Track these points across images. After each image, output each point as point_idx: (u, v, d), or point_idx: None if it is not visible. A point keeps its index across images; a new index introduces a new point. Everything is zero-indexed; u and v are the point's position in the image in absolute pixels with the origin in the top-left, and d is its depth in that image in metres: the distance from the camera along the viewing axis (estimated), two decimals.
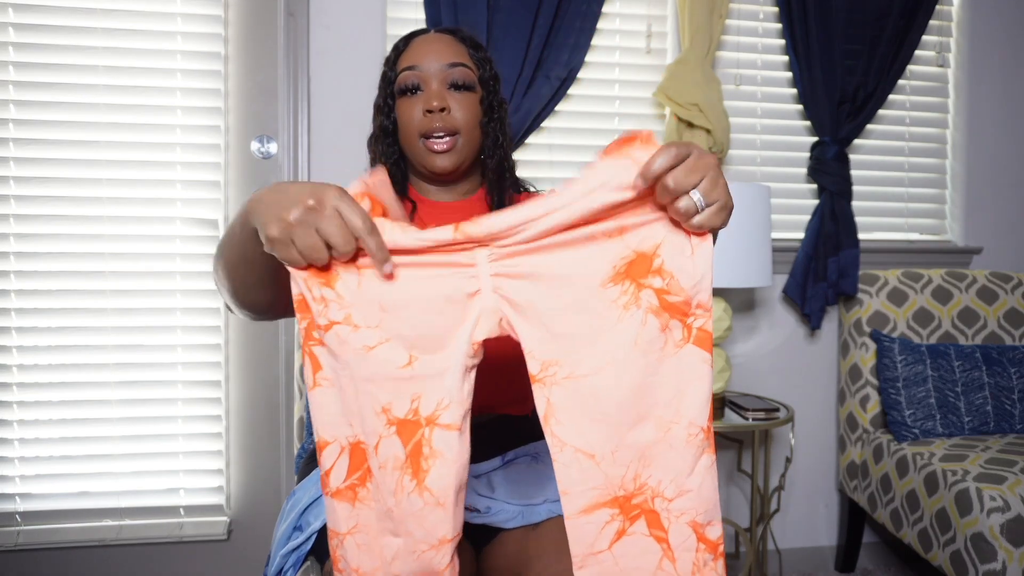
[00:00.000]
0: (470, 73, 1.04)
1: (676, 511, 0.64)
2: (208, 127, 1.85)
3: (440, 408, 0.66)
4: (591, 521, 0.64)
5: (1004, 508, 1.52)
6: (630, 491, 0.64)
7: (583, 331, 0.65)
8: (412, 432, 0.65)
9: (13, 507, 1.83)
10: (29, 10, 1.77)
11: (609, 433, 0.64)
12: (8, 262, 1.79)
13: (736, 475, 2.14)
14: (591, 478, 0.64)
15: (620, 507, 0.64)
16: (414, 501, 0.66)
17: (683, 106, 1.94)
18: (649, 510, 0.64)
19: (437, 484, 0.65)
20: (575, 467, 0.64)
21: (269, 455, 1.92)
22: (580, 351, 0.64)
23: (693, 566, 0.64)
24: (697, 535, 0.64)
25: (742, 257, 1.67)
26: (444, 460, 0.65)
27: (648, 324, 0.64)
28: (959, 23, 2.25)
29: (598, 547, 0.64)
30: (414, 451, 0.65)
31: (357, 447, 0.68)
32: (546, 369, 0.65)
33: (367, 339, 0.65)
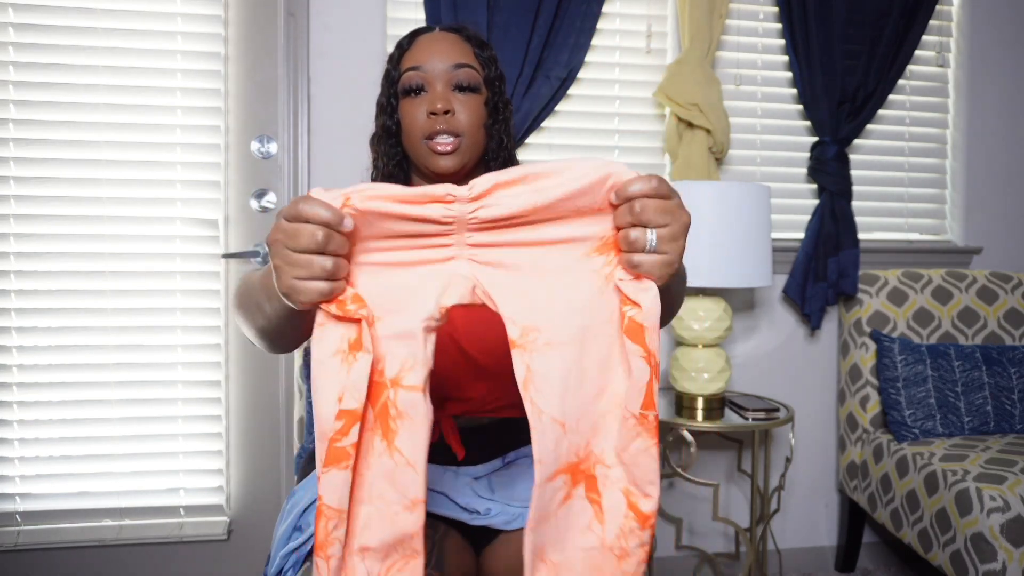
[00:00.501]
0: (475, 74, 1.02)
1: (613, 478, 0.66)
2: (208, 127, 1.85)
3: (404, 370, 0.66)
4: (552, 487, 0.66)
5: (1004, 508, 1.52)
6: (580, 457, 0.67)
7: (564, 298, 0.65)
8: (378, 394, 0.66)
9: (13, 507, 1.83)
10: (29, 10, 1.77)
11: (579, 403, 0.66)
12: (8, 262, 1.79)
13: (736, 475, 2.14)
14: (560, 446, 0.66)
15: (571, 472, 0.67)
16: (385, 462, 0.66)
17: (683, 106, 1.94)
18: (590, 475, 0.67)
19: (407, 444, 0.66)
20: (550, 435, 0.65)
21: (269, 455, 1.92)
22: (560, 318, 0.65)
23: (619, 529, 0.66)
24: (628, 503, 0.66)
25: (742, 257, 1.67)
26: (411, 421, 0.66)
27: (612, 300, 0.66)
28: (959, 23, 2.25)
29: (549, 509, 0.66)
30: (381, 413, 0.66)
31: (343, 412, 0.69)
32: (526, 335, 0.65)
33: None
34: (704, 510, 2.12)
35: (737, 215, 1.66)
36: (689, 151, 1.97)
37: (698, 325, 1.75)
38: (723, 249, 1.66)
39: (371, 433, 0.67)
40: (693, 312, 1.76)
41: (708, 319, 1.75)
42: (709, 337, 1.75)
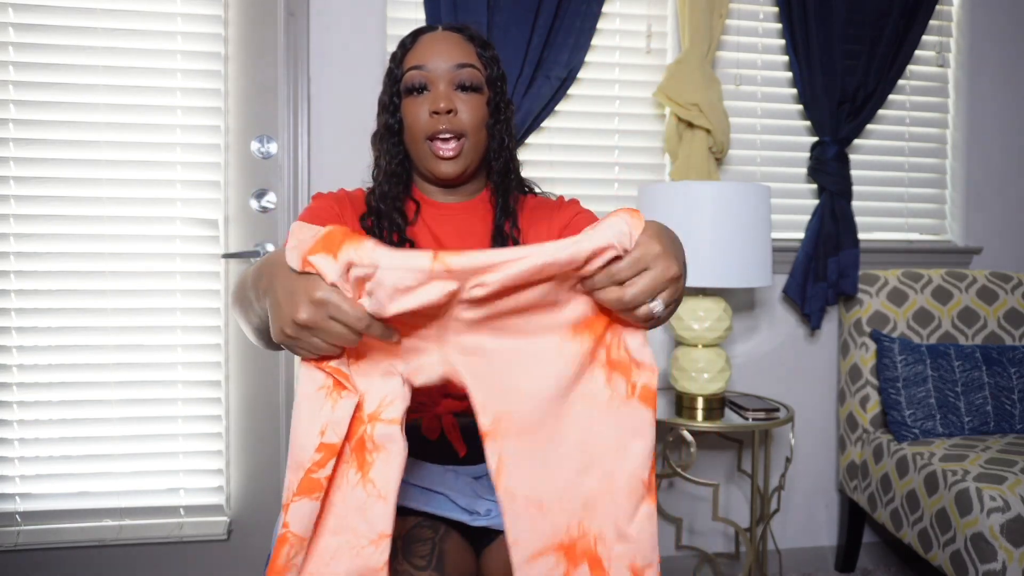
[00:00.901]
0: (478, 74, 1.03)
1: (617, 556, 0.66)
2: (208, 127, 1.85)
3: (383, 405, 0.67)
4: (538, 566, 0.66)
5: (1004, 508, 1.52)
6: (574, 537, 0.66)
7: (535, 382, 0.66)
8: (355, 428, 0.67)
9: (13, 507, 1.83)
10: (29, 10, 1.77)
11: (557, 482, 0.66)
12: (8, 262, 1.79)
13: (736, 475, 2.14)
14: (539, 526, 0.66)
15: (565, 552, 0.66)
16: (358, 494, 0.67)
17: (683, 106, 1.94)
18: (592, 555, 0.67)
19: (380, 477, 0.66)
20: (525, 517, 0.66)
21: (269, 455, 1.92)
22: (531, 402, 0.66)
23: None
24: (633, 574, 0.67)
25: (742, 257, 1.67)
26: (388, 453, 0.67)
27: (595, 377, 0.66)
28: (959, 23, 2.25)
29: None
30: (358, 445, 0.67)
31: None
32: (498, 422, 0.66)
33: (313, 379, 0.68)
34: (704, 510, 2.12)
35: (737, 215, 1.66)
36: (689, 151, 1.97)
37: (698, 325, 1.75)
38: (723, 249, 1.66)
39: (346, 465, 0.68)
40: (693, 312, 1.76)
41: (708, 319, 1.75)
42: (709, 337, 1.75)
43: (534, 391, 0.66)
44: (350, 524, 0.68)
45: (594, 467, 0.66)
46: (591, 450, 0.66)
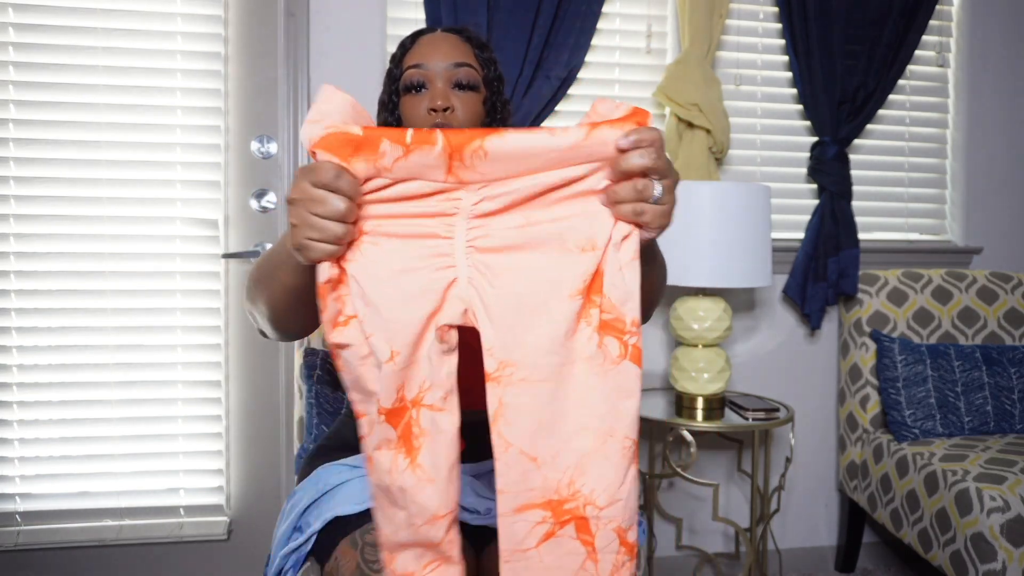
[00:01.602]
0: (475, 73, 1.04)
1: (605, 518, 0.67)
2: (208, 127, 1.85)
3: (423, 391, 0.68)
4: (522, 519, 0.67)
5: (1004, 508, 1.52)
6: (563, 496, 0.67)
7: (543, 337, 0.67)
8: (400, 415, 0.68)
9: (13, 507, 1.83)
10: (29, 10, 1.77)
11: (553, 439, 0.67)
12: (8, 262, 1.79)
13: (736, 475, 2.14)
14: (530, 480, 0.67)
15: (552, 510, 0.67)
16: (407, 478, 0.68)
17: (683, 106, 1.94)
18: (580, 516, 0.67)
19: (428, 460, 0.68)
20: (517, 468, 0.67)
21: (269, 455, 1.92)
22: (537, 356, 0.67)
23: (612, 566, 0.68)
24: (620, 539, 0.68)
25: (742, 257, 1.67)
26: (432, 438, 0.68)
27: (592, 339, 0.67)
28: (959, 23, 2.25)
29: (526, 544, 0.68)
30: (404, 432, 0.68)
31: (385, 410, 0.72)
32: (502, 369, 0.67)
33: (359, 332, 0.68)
34: (704, 510, 2.12)
35: (737, 215, 1.66)
36: (689, 151, 1.97)
37: (698, 325, 1.75)
38: (723, 249, 1.66)
39: (395, 451, 0.69)
40: (693, 312, 1.76)
41: (708, 319, 1.75)
42: (709, 337, 1.75)
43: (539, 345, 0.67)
44: (404, 503, 0.69)
45: (589, 428, 0.67)
46: (588, 411, 0.67)
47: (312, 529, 0.97)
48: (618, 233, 0.67)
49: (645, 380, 2.09)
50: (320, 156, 0.65)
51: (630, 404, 0.67)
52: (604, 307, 0.67)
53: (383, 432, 0.69)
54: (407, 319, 0.67)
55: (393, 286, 0.67)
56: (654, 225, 0.67)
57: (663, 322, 2.10)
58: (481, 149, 0.64)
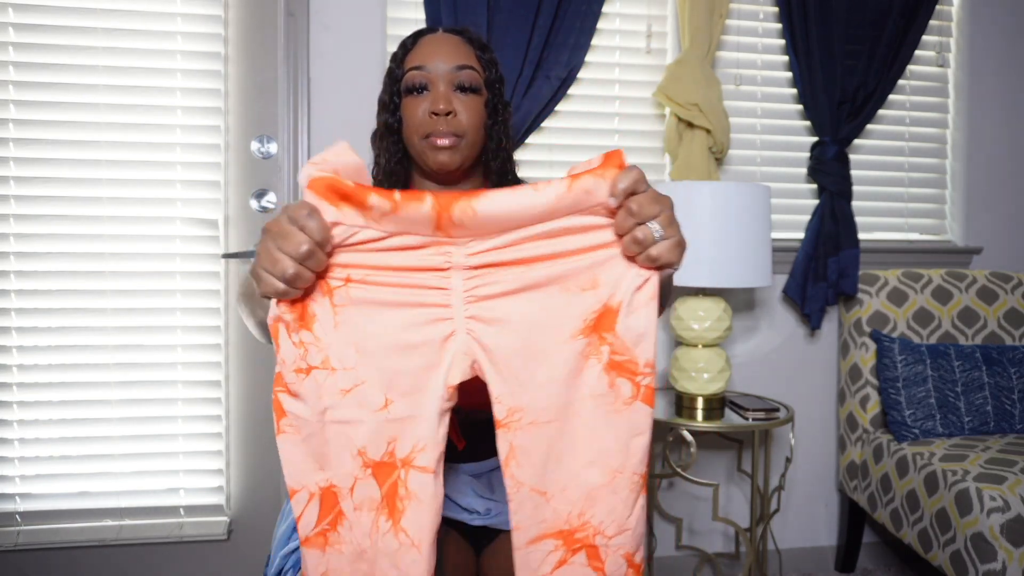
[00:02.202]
0: (476, 76, 1.03)
1: (615, 546, 0.70)
2: (208, 127, 1.85)
3: (416, 451, 0.68)
4: (536, 549, 0.70)
5: (1004, 508, 1.52)
6: (574, 526, 0.69)
7: (549, 380, 0.68)
8: (388, 474, 0.68)
9: (13, 507, 1.83)
10: (29, 10, 1.77)
11: (562, 474, 0.69)
12: (8, 262, 1.79)
13: (736, 475, 2.14)
14: (542, 513, 0.69)
15: (563, 539, 0.69)
16: (389, 541, 0.68)
17: (683, 106, 1.94)
18: (590, 545, 0.70)
19: (413, 525, 0.68)
20: (529, 504, 0.69)
21: (269, 455, 1.92)
22: (544, 399, 0.68)
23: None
24: (628, 563, 0.71)
25: (742, 257, 1.67)
26: (419, 502, 0.68)
27: (601, 378, 0.68)
28: (959, 23, 2.25)
29: (541, 572, 0.70)
30: (390, 492, 0.68)
31: (328, 492, 0.69)
32: (512, 415, 0.68)
33: (343, 382, 0.67)
34: (704, 510, 2.12)
35: (737, 215, 1.66)
36: (689, 151, 1.97)
37: (698, 325, 1.75)
38: (723, 249, 1.66)
39: (377, 513, 0.68)
40: (693, 312, 1.76)
41: (708, 319, 1.75)
42: (709, 337, 1.75)
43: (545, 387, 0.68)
44: (383, 569, 0.69)
45: (599, 463, 0.69)
46: (597, 447, 0.69)
47: None
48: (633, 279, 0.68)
49: None
50: (307, 196, 0.65)
51: (640, 441, 0.69)
52: (616, 348, 0.68)
53: (366, 490, 0.68)
54: (406, 367, 0.68)
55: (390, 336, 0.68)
56: (673, 260, 0.68)
57: (663, 322, 2.10)
58: (470, 209, 0.65)
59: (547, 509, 0.69)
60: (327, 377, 0.67)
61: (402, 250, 0.67)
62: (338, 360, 0.67)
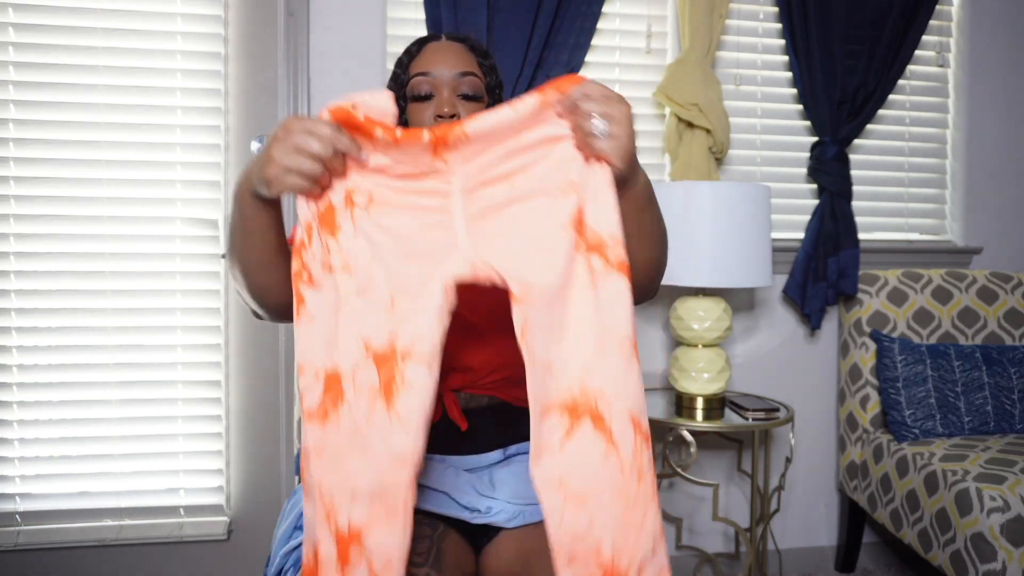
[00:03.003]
0: (479, 82, 1.06)
1: (618, 409, 0.75)
2: (208, 127, 1.85)
3: (414, 344, 0.74)
4: (546, 424, 0.74)
5: (1004, 508, 1.52)
6: (575, 396, 0.75)
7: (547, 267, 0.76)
8: (386, 363, 0.74)
9: (13, 507, 1.83)
10: (29, 10, 1.77)
11: (562, 348, 0.76)
12: (8, 262, 1.79)
13: (736, 475, 2.14)
14: (548, 385, 0.75)
15: (568, 411, 0.75)
16: (382, 421, 0.74)
17: (683, 106, 1.94)
18: (594, 411, 0.75)
19: (405, 408, 0.73)
20: (539, 378, 0.74)
21: (269, 455, 1.92)
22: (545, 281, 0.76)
23: (633, 450, 0.75)
24: (634, 425, 0.75)
25: (742, 257, 1.67)
26: (413, 390, 0.74)
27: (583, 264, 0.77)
28: (959, 23, 2.25)
29: (551, 444, 0.74)
30: (387, 380, 0.74)
31: (332, 375, 0.76)
32: (526, 292, 0.75)
33: (357, 282, 0.76)
34: (704, 510, 2.12)
35: (737, 215, 1.66)
36: (689, 151, 1.97)
37: (698, 325, 1.75)
38: (723, 249, 1.66)
39: (373, 398, 0.74)
40: (693, 312, 1.76)
41: (708, 319, 1.75)
42: (709, 337, 1.75)
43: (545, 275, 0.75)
44: (373, 444, 0.74)
45: (589, 334, 0.76)
46: (587, 321, 0.76)
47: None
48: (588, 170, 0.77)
49: (645, 379, 2.09)
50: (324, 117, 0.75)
51: (620, 310, 0.76)
52: (588, 235, 0.77)
53: (366, 376, 0.74)
54: (412, 272, 0.76)
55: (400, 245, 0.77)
56: (615, 157, 0.75)
57: (663, 322, 2.10)
58: (461, 131, 0.75)
59: (551, 384, 0.75)
60: (345, 278, 0.76)
61: (408, 177, 0.78)
62: (355, 264, 0.76)
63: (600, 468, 0.73)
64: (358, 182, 0.77)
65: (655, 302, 2.08)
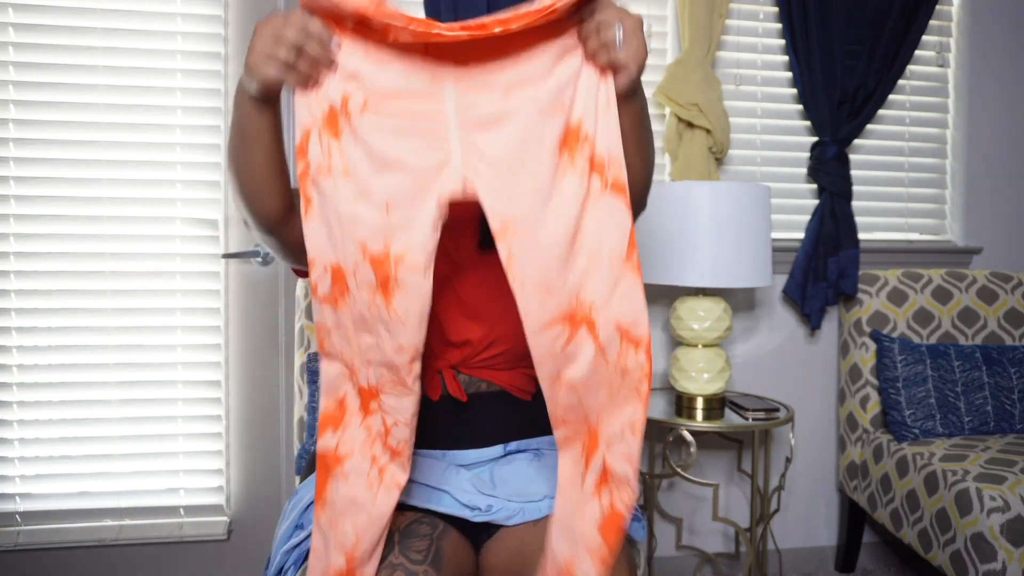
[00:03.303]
0: None
1: (605, 318, 0.82)
2: (208, 127, 1.85)
3: (407, 252, 0.80)
4: (548, 335, 0.82)
5: (1004, 508, 1.52)
6: (574, 307, 0.82)
7: (534, 190, 0.80)
8: (382, 266, 0.80)
9: (13, 507, 1.83)
10: (29, 10, 1.77)
11: (556, 269, 0.81)
12: (8, 262, 1.79)
13: (736, 475, 2.14)
14: (546, 304, 0.81)
15: (569, 321, 0.82)
16: (383, 313, 0.82)
17: (683, 106, 1.94)
18: (588, 319, 0.82)
19: (400, 307, 0.81)
20: (534, 299, 0.81)
21: (269, 455, 1.92)
22: (532, 208, 0.80)
23: (618, 354, 0.83)
24: (620, 332, 0.83)
25: (742, 257, 1.67)
26: (407, 291, 0.80)
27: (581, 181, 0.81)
28: (959, 23, 2.25)
29: (554, 351, 0.82)
30: (383, 281, 0.80)
31: (338, 270, 0.83)
32: (506, 225, 0.80)
33: (355, 188, 0.80)
34: (704, 510, 2.12)
35: (737, 215, 1.66)
36: (689, 151, 1.97)
37: (698, 325, 1.75)
38: (723, 249, 1.66)
39: (373, 293, 0.81)
40: (693, 312, 1.76)
41: (708, 319, 1.75)
42: (709, 337, 1.75)
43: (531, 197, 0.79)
44: (377, 330, 0.82)
45: (582, 250, 0.81)
46: (579, 237, 0.81)
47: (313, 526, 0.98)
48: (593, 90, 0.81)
49: None
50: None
51: (614, 228, 0.81)
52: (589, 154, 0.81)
53: (364, 274, 0.80)
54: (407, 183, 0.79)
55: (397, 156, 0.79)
56: (633, 63, 0.79)
57: (663, 322, 2.10)
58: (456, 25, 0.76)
59: (551, 300, 0.81)
60: (344, 183, 0.80)
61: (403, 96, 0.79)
62: (354, 170, 0.80)
63: (591, 366, 0.83)
64: (352, 89, 0.79)
65: (655, 302, 2.08)
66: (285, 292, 1.88)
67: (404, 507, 0.97)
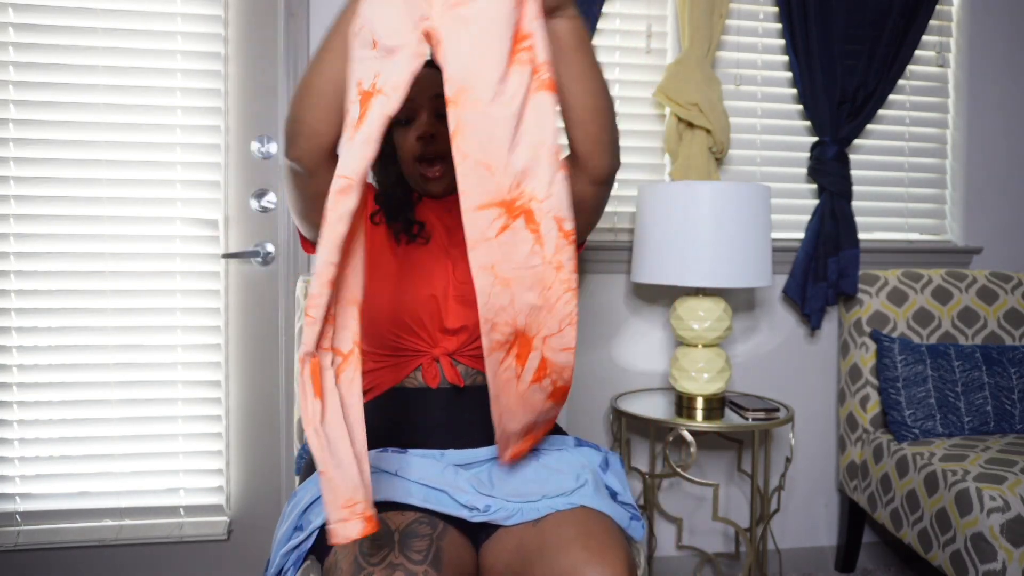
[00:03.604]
0: None
1: (545, 209, 0.84)
2: (208, 127, 1.85)
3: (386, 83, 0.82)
4: (484, 216, 0.83)
5: (1004, 508, 1.52)
6: (513, 196, 0.83)
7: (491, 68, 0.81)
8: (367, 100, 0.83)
9: (13, 507, 1.83)
10: (29, 10, 1.77)
11: (501, 151, 0.82)
12: (8, 262, 1.80)
13: (736, 475, 2.14)
14: (486, 183, 0.82)
15: (506, 208, 0.83)
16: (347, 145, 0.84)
17: (683, 106, 1.94)
18: (527, 209, 0.84)
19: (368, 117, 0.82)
20: (474, 175, 0.82)
21: (269, 455, 1.92)
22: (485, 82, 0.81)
23: (555, 247, 0.86)
24: (558, 226, 0.85)
25: (742, 257, 1.67)
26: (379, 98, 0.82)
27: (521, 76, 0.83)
28: (959, 23, 2.25)
29: (488, 235, 0.84)
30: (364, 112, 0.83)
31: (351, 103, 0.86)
32: (459, 93, 0.81)
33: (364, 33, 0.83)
34: (704, 510, 2.12)
35: (737, 215, 1.67)
36: (689, 151, 1.97)
37: (698, 325, 1.75)
38: (723, 249, 1.66)
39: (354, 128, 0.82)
40: (693, 312, 1.76)
41: (708, 319, 1.75)
42: (709, 337, 1.75)
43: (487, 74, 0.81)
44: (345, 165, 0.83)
45: (524, 138, 0.83)
46: (521, 125, 0.83)
47: (313, 526, 0.98)
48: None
49: (646, 379, 2.10)
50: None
51: (548, 123, 0.84)
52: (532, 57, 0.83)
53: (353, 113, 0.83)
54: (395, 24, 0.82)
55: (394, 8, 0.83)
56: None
57: (663, 322, 2.10)
58: None
59: (491, 182, 0.82)
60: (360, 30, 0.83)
61: None
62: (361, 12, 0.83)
63: (526, 259, 0.85)
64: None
65: (655, 302, 2.08)
66: (285, 292, 1.88)
67: (404, 507, 0.97)
